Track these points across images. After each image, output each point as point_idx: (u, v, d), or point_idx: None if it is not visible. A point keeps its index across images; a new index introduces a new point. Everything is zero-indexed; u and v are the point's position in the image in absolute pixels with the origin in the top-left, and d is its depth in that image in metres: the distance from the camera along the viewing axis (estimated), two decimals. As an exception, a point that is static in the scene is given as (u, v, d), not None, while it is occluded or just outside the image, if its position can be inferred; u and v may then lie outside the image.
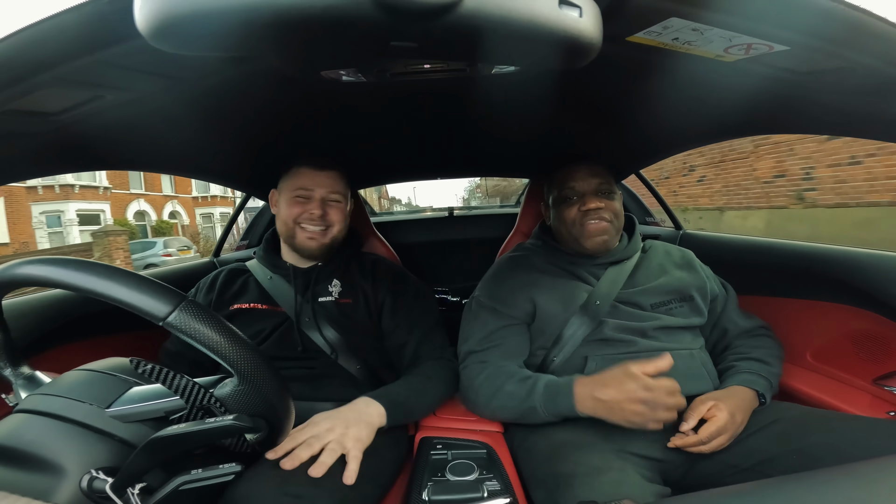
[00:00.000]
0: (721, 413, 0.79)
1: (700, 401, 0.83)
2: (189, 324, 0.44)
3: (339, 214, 1.03)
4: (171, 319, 0.43)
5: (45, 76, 0.49)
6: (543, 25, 0.35)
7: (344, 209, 1.04)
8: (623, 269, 1.02)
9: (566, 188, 1.03)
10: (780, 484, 0.34)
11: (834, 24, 0.44)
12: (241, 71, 0.61)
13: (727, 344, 1.01)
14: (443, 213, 1.96)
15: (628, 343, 0.93)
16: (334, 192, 1.01)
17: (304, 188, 0.99)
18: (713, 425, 0.78)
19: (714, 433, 0.77)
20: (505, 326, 1.00)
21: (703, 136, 1.11)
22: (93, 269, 0.46)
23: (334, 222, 1.01)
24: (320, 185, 1.00)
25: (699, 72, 0.61)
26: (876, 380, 0.91)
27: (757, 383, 0.86)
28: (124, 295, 0.44)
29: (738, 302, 1.06)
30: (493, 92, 0.76)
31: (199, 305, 0.46)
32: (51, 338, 0.92)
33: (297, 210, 0.99)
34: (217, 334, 0.45)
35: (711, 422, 0.78)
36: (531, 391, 0.86)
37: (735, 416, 0.80)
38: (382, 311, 1.04)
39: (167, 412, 0.50)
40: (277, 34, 0.34)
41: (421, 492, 0.75)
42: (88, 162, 0.86)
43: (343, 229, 1.04)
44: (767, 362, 0.92)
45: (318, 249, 1.01)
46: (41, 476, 0.43)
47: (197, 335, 0.44)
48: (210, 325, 0.45)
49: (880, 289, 0.86)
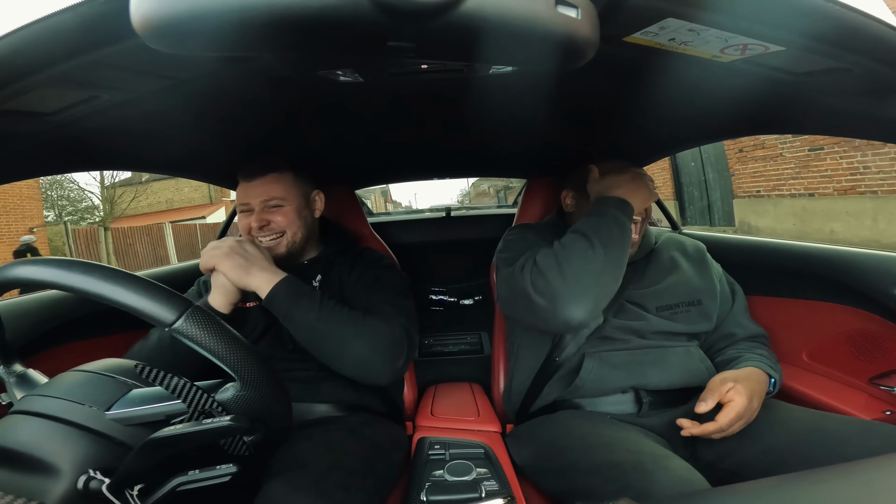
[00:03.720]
0: (740, 397, 0.74)
1: (720, 380, 0.78)
2: (194, 330, 0.45)
3: (285, 217, 0.97)
4: (178, 326, 0.44)
5: (40, 76, 0.48)
6: (541, 25, 0.35)
7: (292, 210, 0.98)
8: (634, 267, 0.99)
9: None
10: (778, 484, 0.34)
11: (830, 24, 0.45)
12: (237, 71, 0.61)
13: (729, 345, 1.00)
14: (440, 214, 1.95)
15: (626, 341, 0.93)
16: (272, 198, 0.96)
17: (242, 203, 0.97)
18: (732, 411, 0.74)
19: (734, 419, 0.74)
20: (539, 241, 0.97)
21: (699, 135, 1.11)
22: (101, 273, 0.46)
23: (283, 227, 0.97)
24: (254, 195, 0.96)
25: (695, 72, 0.61)
26: (872, 379, 0.91)
27: (767, 369, 0.85)
28: (132, 300, 0.45)
29: (746, 305, 1.04)
30: (490, 92, 0.76)
31: (204, 312, 0.46)
32: (46, 338, 0.91)
33: (244, 223, 0.97)
34: (221, 341, 0.46)
35: (730, 407, 0.74)
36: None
37: (752, 401, 0.76)
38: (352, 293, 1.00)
39: (168, 415, 0.49)
40: (274, 34, 0.34)
41: (419, 492, 0.75)
42: (84, 162, 0.86)
43: (298, 230, 0.99)
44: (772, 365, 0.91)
45: (282, 258, 0.97)
46: (37, 477, 0.43)
47: (202, 341, 0.45)
48: (214, 332, 0.46)
49: (877, 289, 0.87)
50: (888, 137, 0.68)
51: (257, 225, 0.95)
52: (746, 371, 0.83)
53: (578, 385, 0.91)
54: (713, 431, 0.75)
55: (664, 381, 0.89)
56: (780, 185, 6.12)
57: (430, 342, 1.66)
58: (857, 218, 5.19)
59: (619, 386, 0.90)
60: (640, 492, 0.62)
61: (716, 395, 0.76)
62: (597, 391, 0.91)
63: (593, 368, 0.91)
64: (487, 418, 1.12)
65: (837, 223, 5.41)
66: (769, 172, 6.26)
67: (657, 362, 0.91)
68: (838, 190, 5.39)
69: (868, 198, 5.06)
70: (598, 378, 0.91)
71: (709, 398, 0.77)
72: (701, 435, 0.76)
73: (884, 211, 4.89)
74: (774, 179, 6.19)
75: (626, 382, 0.90)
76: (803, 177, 5.77)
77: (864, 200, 5.10)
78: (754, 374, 0.82)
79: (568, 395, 0.94)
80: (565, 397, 0.94)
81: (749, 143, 6.41)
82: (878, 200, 4.94)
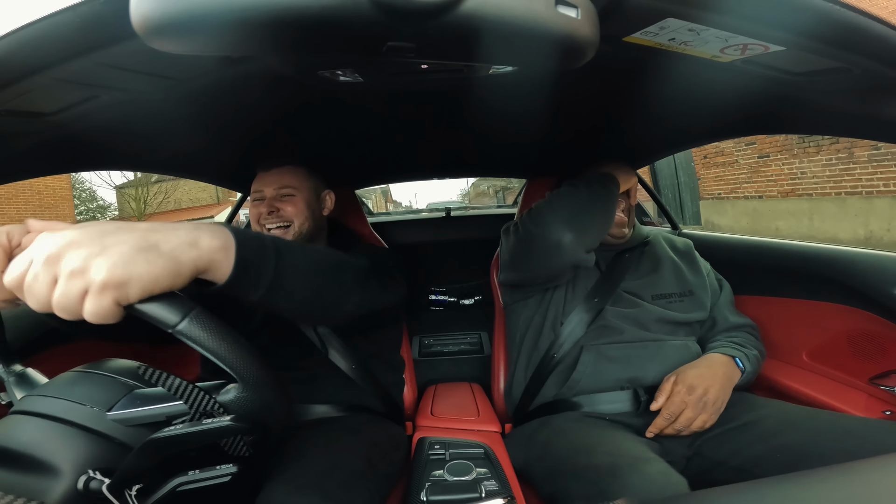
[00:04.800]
0: (677, 387, 0.81)
1: (665, 378, 0.85)
2: (198, 332, 0.45)
3: (294, 207, 1.00)
4: (181, 328, 0.44)
5: (40, 76, 0.48)
6: (540, 25, 0.35)
7: (301, 201, 1.01)
8: (628, 260, 1.05)
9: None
10: (778, 483, 0.34)
11: (830, 24, 0.45)
12: (237, 71, 0.61)
13: (713, 336, 1.03)
14: (440, 214, 1.95)
15: (624, 332, 0.95)
16: (284, 187, 1.01)
17: (256, 191, 1.02)
18: (672, 404, 0.80)
19: (674, 412, 0.80)
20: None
21: (699, 135, 1.11)
22: None
23: (291, 217, 0.99)
24: (268, 184, 1.01)
25: (695, 72, 0.61)
26: (871, 379, 0.91)
27: (727, 349, 0.89)
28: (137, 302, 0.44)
29: (732, 299, 1.08)
30: (490, 92, 0.76)
31: (208, 314, 0.46)
32: (46, 338, 0.91)
33: (255, 212, 1.01)
34: (223, 343, 0.46)
35: (670, 401, 0.81)
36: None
37: (698, 389, 0.81)
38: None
39: (169, 417, 0.49)
40: (274, 34, 0.34)
41: (419, 492, 0.75)
42: (84, 162, 0.86)
43: (306, 221, 1.01)
44: (742, 344, 0.94)
45: None
46: (37, 477, 0.43)
47: (205, 343, 0.45)
48: (217, 334, 0.46)
49: (876, 288, 0.87)
50: (888, 137, 0.68)
51: (266, 210, 0.99)
52: (702, 360, 0.89)
53: (576, 380, 0.92)
54: (663, 426, 0.81)
55: (661, 376, 0.89)
56: (737, 188, 6.98)
57: (430, 342, 1.66)
58: (797, 217, 6.04)
59: (616, 380, 0.91)
60: (614, 496, 0.63)
61: (664, 392, 0.83)
62: (594, 387, 0.92)
63: (590, 362, 0.92)
64: (487, 418, 1.12)
65: (781, 221, 6.26)
66: (728, 177, 7.12)
67: (655, 356, 0.92)
68: (782, 192, 6.25)
69: (805, 199, 5.94)
70: (596, 372, 0.92)
71: (659, 396, 0.83)
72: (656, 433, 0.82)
73: (818, 211, 5.73)
74: (732, 183, 7.06)
75: (623, 376, 0.91)
76: (754, 181, 6.64)
77: (802, 202, 5.96)
78: (710, 360, 0.88)
79: (566, 392, 0.94)
80: (564, 394, 0.95)
81: (711, 150, 7.27)
82: (812, 202, 5.81)
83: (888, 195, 4.95)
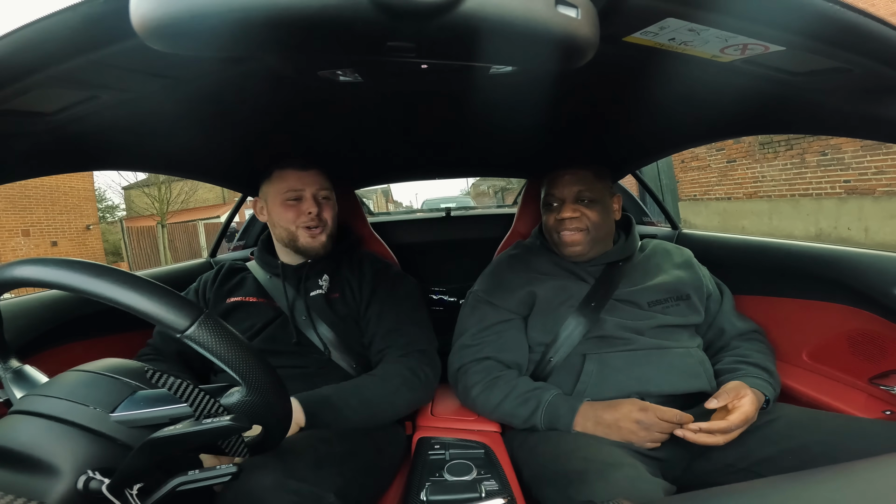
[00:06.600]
0: (751, 406, 0.77)
1: (737, 385, 0.81)
2: (206, 337, 0.45)
3: (331, 212, 1.03)
4: (190, 332, 0.45)
5: (40, 76, 0.48)
6: (540, 25, 0.35)
7: (334, 206, 1.05)
8: (621, 269, 1.02)
9: (548, 194, 1.05)
10: (777, 483, 0.34)
11: (830, 24, 0.45)
12: (237, 71, 0.61)
13: (724, 344, 1.01)
14: (440, 214, 1.95)
15: (626, 341, 0.93)
16: (323, 189, 1.02)
17: (294, 189, 0.99)
18: (742, 415, 0.76)
19: (741, 423, 0.76)
20: (502, 321, 1.00)
21: (699, 135, 1.11)
22: (118, 278, 0.46)
23: (328, 220, 1.02)
24: (309, 183, 1.00)
25: (695, 72, 0.61)
26: (872, 379, 0.91)
27: (765, 389, 0.86)
28: (147, 306, 0.45)
29: (734, 304, 1.06)
30: (490, 92, 0.76)
31: (216, 320, 0.47)
32: (47, 338, 0.91)
33: (293, 213, 0.99)
34: (231, 348, 0.47)
35: (739, 411, 0.76)
36: (532, 414, 0.88)
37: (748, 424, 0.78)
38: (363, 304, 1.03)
39: (172, 418, 0.49)
40: (274, 34, 0.34)
41: (419, 492, 0.75)
42: (84, 162, 0.86)
43: (334, 226, 1.05)
44: (769, 370, 0.92)
45: (322, 248, 1.01)
46: (38, 477, 0.43)
47: (213, 348, 0.46)
48: (225, 339, 0.47)
49: (876, 288, 0.87)
50: (888, 137, 0.68)
51: (315, 211, 0.98)
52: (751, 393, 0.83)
53: (581, 389, 0.91)
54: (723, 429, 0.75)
55: (666, 385, 0.89)
56: (709, 191, 7.61)
57: None
58: (759, 217, 6.65)
59: (622, 390, 0.89)
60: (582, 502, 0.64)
61: (730, 396, 0.78)
62: (601, 395, 0.89)
63: (595, 371, 0.91)
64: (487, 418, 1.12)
65: (746, 220, 6.88)
66: (702, 180, 7.73)
67: (659, 364, 0.90)
68: (746, 194, 6.86)
69: (765, 200, 6.56)
70: (601, 380, 0.90)
71: (722, 396, 0.78)
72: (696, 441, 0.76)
73: (776, 211, 6.39)
74: (705, 186, 7.69)
75: (630, 388, 0.89)
76: (723, 184, 7.27)
77: (763, 203, 6.59)
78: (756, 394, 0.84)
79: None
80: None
81: (688, 155, 7.81)
82: (772, 202, 6.46)
83: (834, 197, 5.56)
